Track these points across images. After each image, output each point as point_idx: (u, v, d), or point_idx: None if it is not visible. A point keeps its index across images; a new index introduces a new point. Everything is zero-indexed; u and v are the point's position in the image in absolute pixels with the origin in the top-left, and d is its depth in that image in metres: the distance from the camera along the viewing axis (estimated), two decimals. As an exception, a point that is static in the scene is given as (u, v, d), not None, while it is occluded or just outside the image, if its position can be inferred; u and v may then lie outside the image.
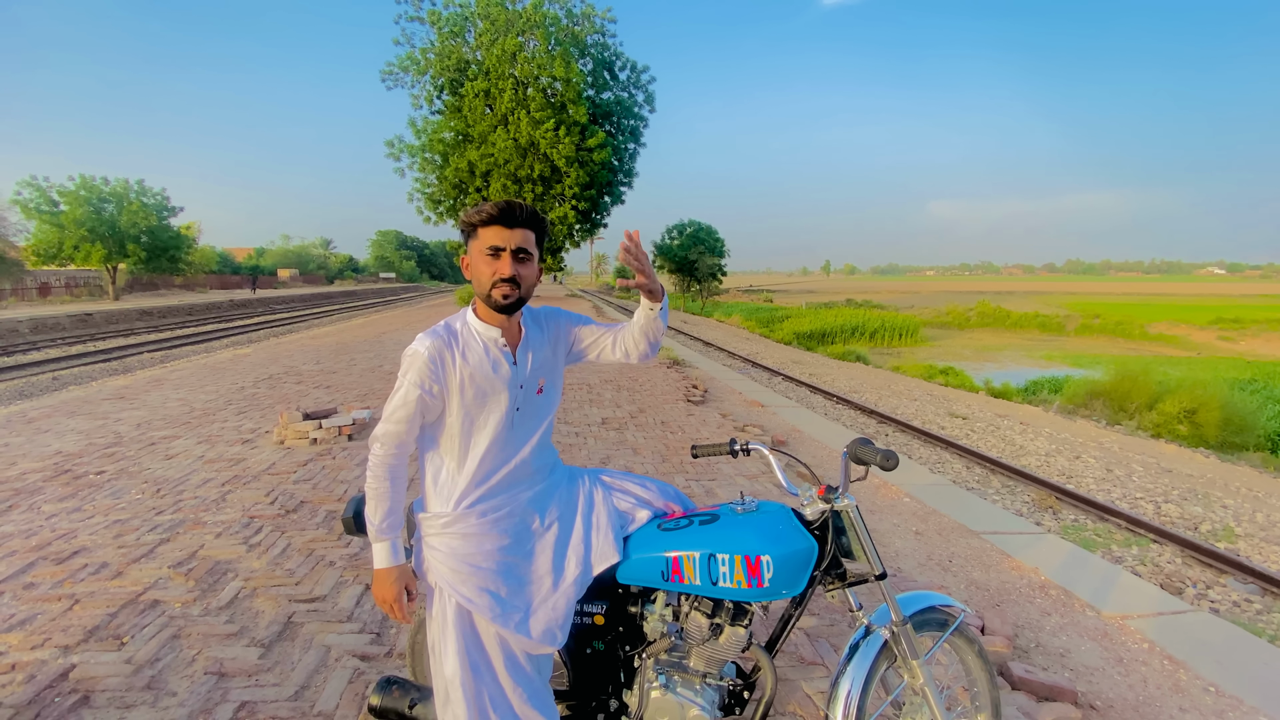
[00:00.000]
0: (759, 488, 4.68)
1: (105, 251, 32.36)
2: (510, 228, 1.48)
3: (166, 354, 16.26)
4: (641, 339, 1.69)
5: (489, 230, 1.48)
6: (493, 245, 1.48)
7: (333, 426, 5.70)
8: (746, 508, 1.68)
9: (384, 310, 33.35)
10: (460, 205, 27.54)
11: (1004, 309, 45.66)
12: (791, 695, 2.35)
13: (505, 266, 1.48)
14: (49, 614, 2.79)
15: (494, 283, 1.49)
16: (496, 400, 1.55)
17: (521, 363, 1.60)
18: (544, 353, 1.66)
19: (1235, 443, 10.74)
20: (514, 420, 1.58)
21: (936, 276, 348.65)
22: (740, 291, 76.61)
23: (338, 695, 2.29)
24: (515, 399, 1.58)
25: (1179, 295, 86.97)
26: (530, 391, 1.62)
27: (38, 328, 20.59)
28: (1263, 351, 30.88)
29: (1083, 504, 6.30)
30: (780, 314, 37.99)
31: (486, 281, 1.50)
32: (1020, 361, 26.06)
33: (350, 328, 19.51)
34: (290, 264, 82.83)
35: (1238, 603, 4.58)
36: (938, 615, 1.72)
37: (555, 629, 1.54)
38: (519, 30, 24.85)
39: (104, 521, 3.82)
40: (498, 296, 1.50)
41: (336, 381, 8.95)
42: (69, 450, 5.38)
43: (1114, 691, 2.69)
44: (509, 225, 1.48)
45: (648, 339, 1.69)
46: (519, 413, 1.60)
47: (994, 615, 3.12)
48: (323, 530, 3.73)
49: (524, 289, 1.52)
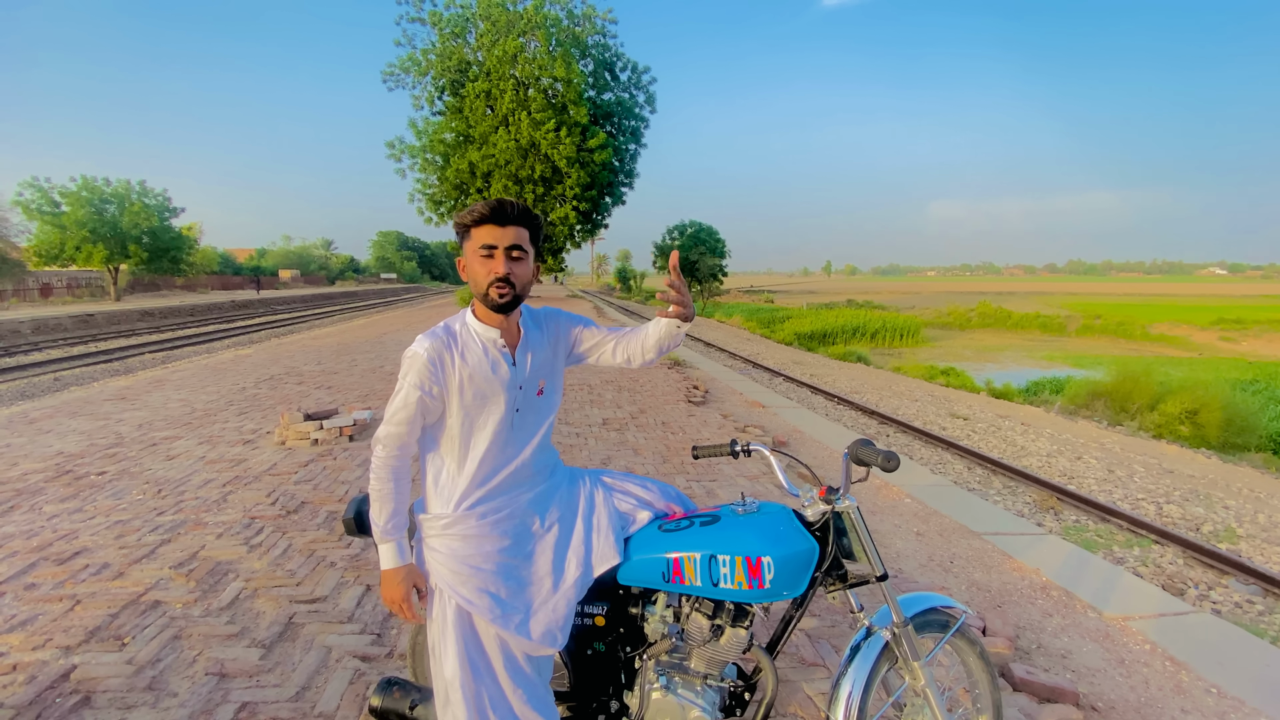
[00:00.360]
0: (760, 489, 4.67)
1: (107, 252, 32.43)
2: (503, 226, 1.48)
3: (168, 355, 16.28)
4: (653, 349, 1.68)
5: (482, 229, 1.49)
6: (486, 244, 1.48)
7: (334, 427, 5.70)
8: (747, 509, 1.68)
9: (385, 311, 33.38)
10: (461, 206, 27.56)
11: (1005, 309, 45.63)
12: (793, 696, 2.34)
13: (499, 265, 1.48)
14: (50, 614, 2.79)
15: (490, 282, 1.49)
16: (496, 401, 1.55)
17: (521, 364, 1.60)
18: (544, 354, 1.66)
19: (1237, 443, 10.72)
20: (514, 421, 1.58)
21: (937, 277, 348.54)
22: (741, 292, 76.57)
23: (338, 696, 2.29)
24: (515, 400, 1.57)
25: (1180, 296, 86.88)
26: (530, 393, 1.62)
27: (39, 328, 20.62)
28: (1264, 352, 30.83)
29: (1084, 505, 6.29)
30: (781, 314, 37.98)
31: (482, 281, 1.50)
32: (1021, 362, 26.04)
33: (351, 328, 19.52)
34: (292, 265, 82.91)
35: (1240, 604, 4.57)
36: (939, 616, 1.72)
37: (556, 630, 1.54)
38: (520, 31, 24.88)
39: (105, 522, 3.83)
40: (494, 296, 1.50)
41: (338, 382, 8.95)
42: (70, 451, 5.39)
43: (1116, 693, 2.68)
44: (501, 223, 1.48)
45: (659, 350, 1.68)
46: (519, 414, 1.59)
47: (995, 616, 3.12)
48: (324, 531, 3.73)
49: (519, 287, 1.52)
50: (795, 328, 30.64)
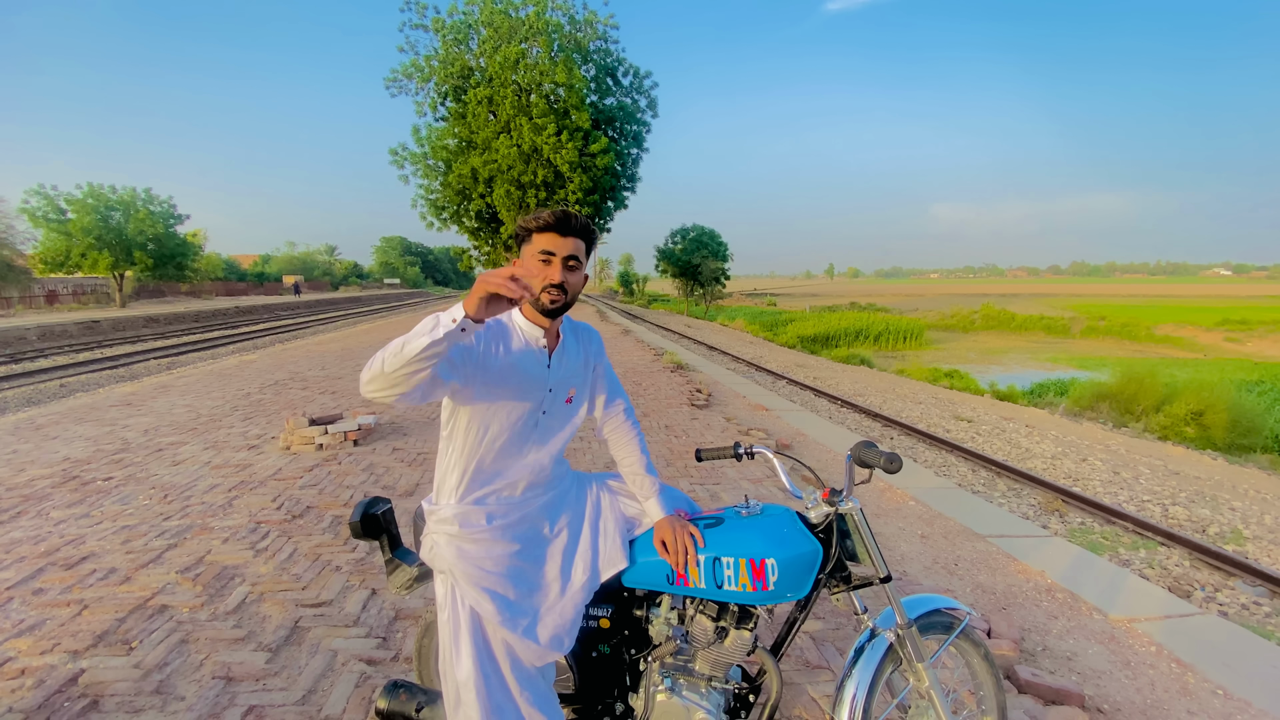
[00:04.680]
0: (763, 491, 4.67)
1: (112, 259, 32.63)
2: (564, 236, 1.53)
3: (173, 360, 16.35)
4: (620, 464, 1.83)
5: (544, 236, 1.53)
6: (546, 250, 1.52)
7: (339, 432, 5.72)
8: (751, 511, 1.68)
9: (389, 316, 33.47)
10: (464, 211, 27.67)
11: (1009, 311, 45.53)
12: (797, 699, 2.34)
13: (555, 273, 1.52)
14: (58, 619, 2.81)
15: (544, 287, 1.53)
16: (524, 396, 1.56)
17: (556, 367, 1.62)
18: (577, 364, 1.69)
19: (1243, 445, 10.67)
20: (538, 421, 1.61)
21: (941, 279, 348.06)
22: (744, 295, 76.53)
23: (345, 699, 2.29)
24: (543, 401, 1.60)
25: (1185, 297, 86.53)
26: (559, 398, 1.64)
27: (45, 335, 20.74)
28: (1270, 353, 30.69)
29: (1090, 507, 6.27)
30: (784, 317, 37.96)
31: (536, 285, 1.54)
32: (1025, 364, 25.97)
33: (355, 334, 19.58)
34: (295, 270, 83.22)
35: (1246, 605, 4.54)
36: (943, 618, 1.72)
37: (563, 635, 1.55)
38: (522, 37, 25.01)
39: (112, 527, 3.85)
40: (545, 301, 1.54)
41: (342, 387, 8.98)
42: (77, 457, 5.42)
43: (1121, 695, 2.67)
44: (563, 233, 1.52)
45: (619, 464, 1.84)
46: (545, 415, 1.62)
47: (1000, 618, 3.11)
48: (329, 535, 3.74)
49: (570, 295, 1.57)
50: (798, 331, 30.63)
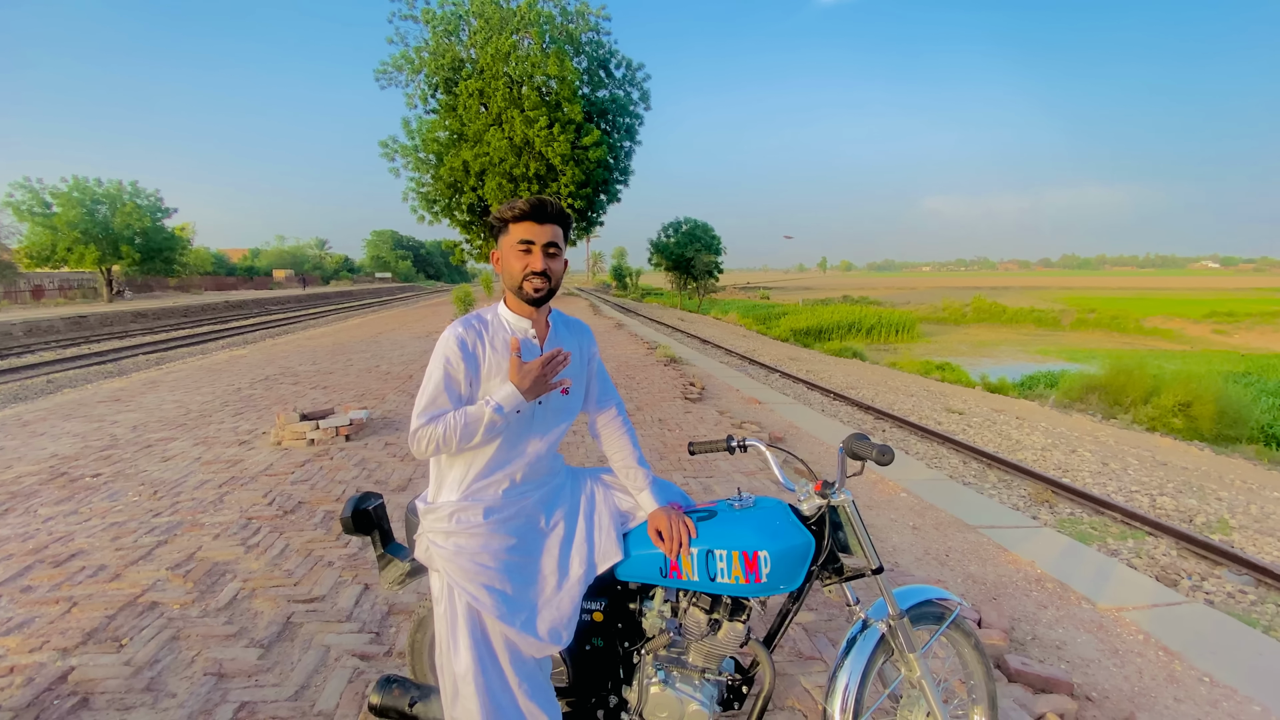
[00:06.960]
0: (756, 484, 4.69)
1: (99, 253, 32.22)
2: (541, 223, 1.53)
3: (162, 356, 16.21)
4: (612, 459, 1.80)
5: (520, 225, 1.53)
6: (524, 240, 1.53)
7: (330, 427, 5.69)
8: (744, 504, 1.69)
9: (380, 310, 33.28)
10: (455, 205, 27.49)
11: (1000, 304, 45.81)
12: (790, 689, 2.36)
13: (536, 260, 1.53)
14: (47, 617, 2.79)
15: (525, 276, 1.54)
16: None
17: None
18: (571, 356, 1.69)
19: (1230, 435, 10.80)
20: (535, 412, 1.61)
21: (932, 272, 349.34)
22: (737, 289, 76.59)
23: (337, 695, 2.29)
24: None
25: (1173, 289, 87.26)
26: (555, 388, 1.64)
27: (32, 330, 20.50)
28: (1256, 345, 31.03)
29: (1079, 497, 6.33)
30: (777, 311, 38.04)
31: (518, 274, 1.55)
32: (1016, 356, 26.16)
33: (346, 328, 19.46)
34: (285, 265, 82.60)
35: (1232, 594, 4.61)
36: (934, 609, 1.73)
37: (561, 628, 1.55)
38: (513, 29, 24.79)
39: (101, 524, 3.81)
40: (529, 289, 1.55)
41: (333, 382, 8.93)
42: (65, 453, 5.36)
43: (1110, 682, 2.71)
44: (540, 220, 1.53)
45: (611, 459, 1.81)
46: (540, 406, 1.63)
47: (991, 608, 3.14)
48: (321, 530, 3.73)
49: (553, 282, 1.58)
50: (791, 324, 30.71)
